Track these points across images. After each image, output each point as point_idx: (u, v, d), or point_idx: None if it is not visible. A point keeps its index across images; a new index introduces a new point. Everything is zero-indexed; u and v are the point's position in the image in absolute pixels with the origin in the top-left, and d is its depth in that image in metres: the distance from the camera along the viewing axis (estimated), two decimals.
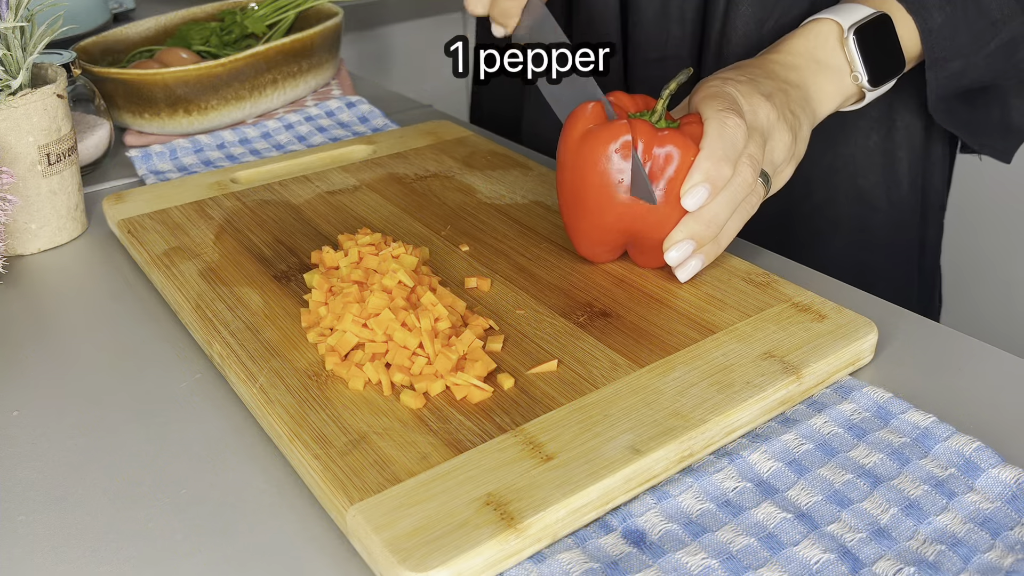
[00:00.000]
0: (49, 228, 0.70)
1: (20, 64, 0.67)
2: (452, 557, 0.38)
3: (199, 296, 0.59)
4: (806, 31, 0.63)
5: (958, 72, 0.65)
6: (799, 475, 0.45)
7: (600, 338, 0.53)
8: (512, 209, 0.70)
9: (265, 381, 0.50)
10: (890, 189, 0.77)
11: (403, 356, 0.50)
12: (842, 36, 0.62)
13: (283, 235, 0.67)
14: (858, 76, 0.62)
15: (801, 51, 0.62)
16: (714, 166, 0.53)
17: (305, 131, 0.91)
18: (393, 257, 0.56)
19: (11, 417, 0.52)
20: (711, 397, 0.48)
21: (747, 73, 0.59)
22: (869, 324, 0.54)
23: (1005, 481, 0.44)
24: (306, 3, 1.04)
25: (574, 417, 0.47)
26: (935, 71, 0.64)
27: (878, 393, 0.50)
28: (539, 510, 0.41)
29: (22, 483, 0.47)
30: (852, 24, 0.61)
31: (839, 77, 0.62)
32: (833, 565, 0.40)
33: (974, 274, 1.57)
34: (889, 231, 0.79)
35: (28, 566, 0.42)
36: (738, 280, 0.59)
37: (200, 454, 0.49)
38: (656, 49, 0.77)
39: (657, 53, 0.77)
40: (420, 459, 0.44)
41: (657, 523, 0.42)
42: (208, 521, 0.44)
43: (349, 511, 0.41)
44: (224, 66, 0.87)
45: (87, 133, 0.82)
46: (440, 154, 0.81)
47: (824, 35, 0.62)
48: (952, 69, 0.64)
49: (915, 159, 0.77)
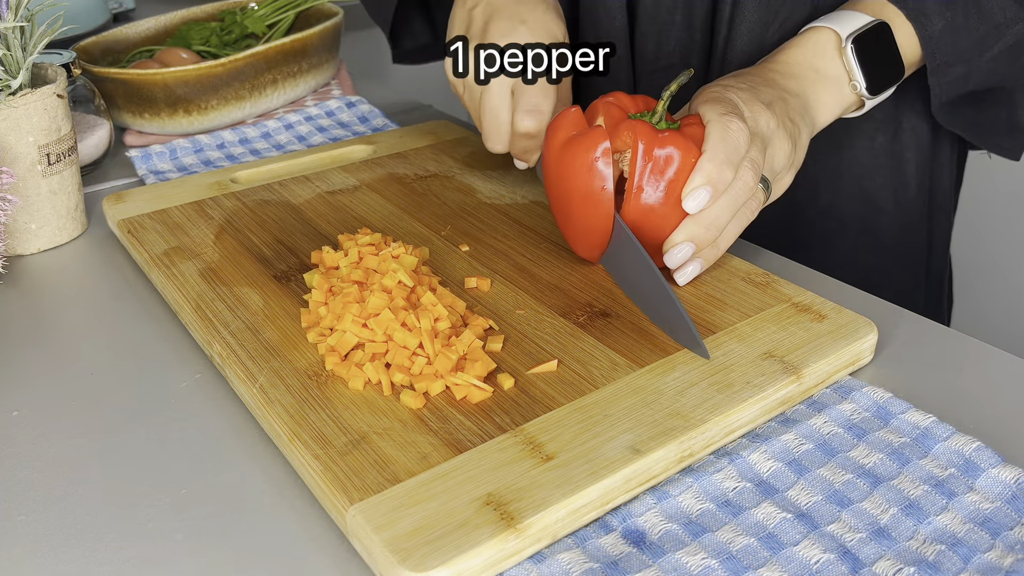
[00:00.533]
0: (49, 228, 0.70)
1: (20, 64, 0.67)
2: (452, 557, 0.38)
3: (199, 296, 0.59)
4: (804, 40, 0.63)
5: (961, 77, 0.64)
6: (799, 475, 0.45)
7: (600, 338, 0.53)
8: (512, 209, 0.70)
9: (265, 381, 0.50)
10: (897, 191, 0.77)
11: (403, 356, 0.50)
12: (840, 45, 0.62)
13: (283, 235, 0.67)
14: (857, 85, 0.62)
15: (800, 60, 0.62)
16: (716, 169, 0.53)
17: (305, 131, 0.91)
18: (393, 257, 0.56)
19: (11, 417, 0.52)
20: (711, 397, 0.48)
21: (747, 81, 0.59)
22: (869, 324, 0.54)
23: (1005, 481, 0.44)
24: (306, 3, 1.04)
25: (574, 417, 0.47)
26: (937, 76, 0.64)
27: (878, 393, 0.50)
28: (539, 510, 0.41)
29: (22, 483, 0.47)
30: (850, 33, 0.61)
31: (838, 87, 0.62)
32: (833, 565, 0.40)
33: (984, 274, 1.57)
34: (896, 233, 0.78)
35: (28, 566, 0.42)
36: (738, 280, 0.59)
37: (200, 454, 0.49)
38: (665, 57, 0.77)
39: (666, 61, 0.77)
40: (420, 459, 0.44)
41: (657, 523, 0.42)
42: (208, 521, 0.44)
43: (349, 511, 0.41)
44: (224, 66, 0.87)
45: (87, 133, 0.82)
46: (440, 154, 0.81)
47: (822, 44, 0.62)
48: (955, 74, 0.64)
49: (922, 160, 0.77)
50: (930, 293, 0.83)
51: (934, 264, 0.82)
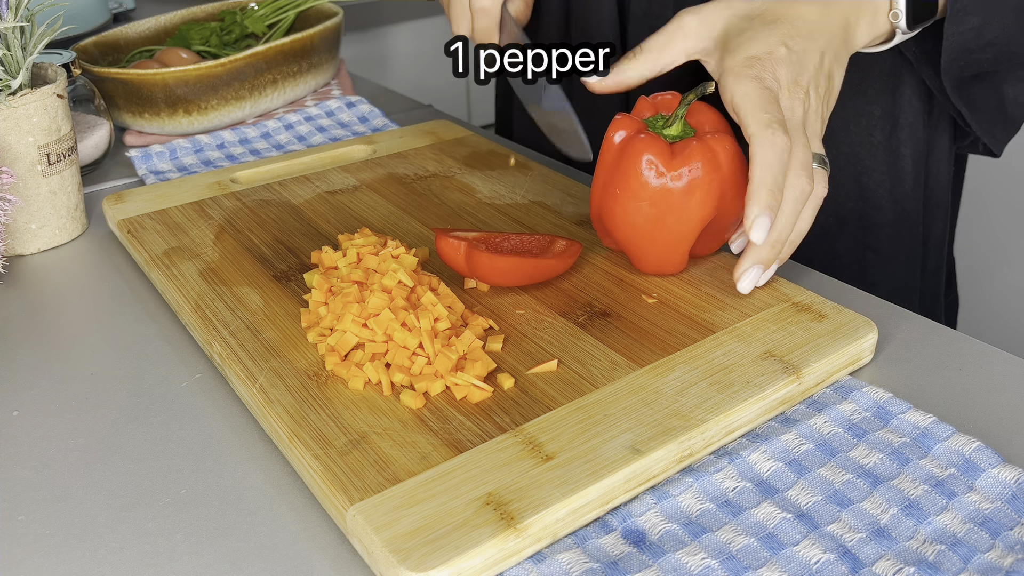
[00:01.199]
0: (49, 228, 0.70)
1: (20, 64, 0.67)
2: (452, 557, 0.38)
3: (199, 296, 0.59)
4: None
5: (975, 28, 0.63)
6: (799, 475, 0.45)
7: (600, 338, 0.53)
8: (512, 209, 0.70)
9: (265, 381, 0.50)
10: (894, 187, 0.77)
11: (403, 356, 0.50)
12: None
13: (283, 235, 0.67)
14: (898, 14, 0.61)
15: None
16: (768, 196, 0.52)
17: (305, 131, 0.91)
18: (393, 257, 0.56)
19: (11, 417, 0.52)
20: (711, 397, 0.48)
21: (782, 32, 0.57)
22: (869, 324, 0.54)
23: (1005, 481, 0.44)
24: (306, 3, 1.04)
25: (574, 417, 0.47)
26: (954, 25, 0.63)
27: (878, 393, 0.50)
28: (539, 510, 0.41)
29: (22, 483, 0.47)
30: None
31: (874, 14, 0.60)
32: (833, 565, 0.40)
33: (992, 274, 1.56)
34: (892, 229, 0.79)
35: (28, 566, 0.42)
36: None
37: (200, 454, 0.49)
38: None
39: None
40: (420, 459, 0.44)
41: (657, 523, 0.42)
42: (208, 521, 0.44)
43: (349, 511, 0.41)
44: (224, 66, 0.87)
45: (87, 133, 0.82)
46: (440, 154, 0.81)
47: None
48: (970, 24, 0.63)
49: (919, 156, 0.77)
50: (927, 288, 0.83)
51: (931, 259, 0.82)
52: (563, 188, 0.73)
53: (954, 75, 0.68)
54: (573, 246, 0.60)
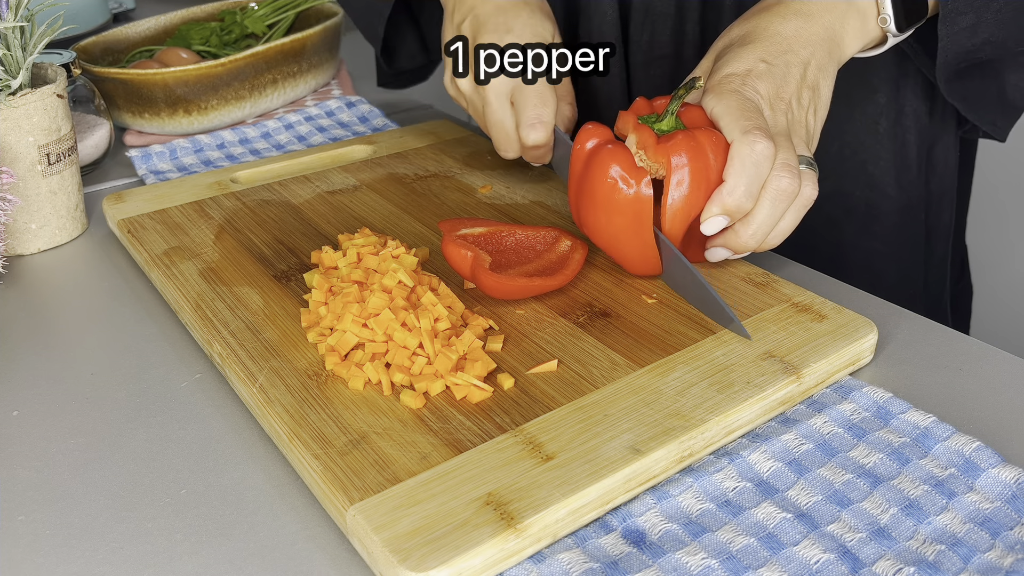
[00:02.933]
0: (49, 228, 0.70)
1: (20, 64, 0.67)
2: (452, 557, 0.38)
3: (199, 296, 0.59)
4: None
5: (969, 27, 0.63)
6: (799, 475, 0.45)
7: (600, 338, 0.53)
8: (512, 209, 0.70)
9: (265, 381, 0.50)
10: (900, 175, 0.77)
11: (403, 356, 0.50)
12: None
13: (283, 235, 0.67)
14: (886, 19, 0.61)
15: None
16: (735, 202, 0.53)
17: (305, 131, 0.91)
18: (393, 257, 0.56)
19: (11, 417, 0.52)
20: (711, 397, 0.48)
21: (761, 51, 0.58)
22: (869, 324, 0.54)
23: (1005, 481, 0.44)
24: (306, 3, 1.04)
25: (574, 417, 0.47)
26: (947, 25, 0.63)
27: (878, 393, 0.50)
28: (539, 510, 0.41)
29: (22, 483, 0.47)
30: None
31: (863, 20, 0.61)
32: (833, 565, 0.40)
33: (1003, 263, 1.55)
34: (898, 217, 0.79)
35: (28, 566, 0.42)
36: (738, 280, 0.59)
37: (200, 454, 0.49)
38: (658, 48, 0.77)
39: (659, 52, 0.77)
40: (420, 459, 0.44)
41: (657, 523, 0.42)
42: (208, 521, 0.44)
43: (349, 511, 0.41)
44: (224, 66, 0.87)
45: (87, 133, 0.82)
46: (440, 154, 0.81)
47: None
48: (963, 23, 0.63)
49: (923, 145, 0.77)
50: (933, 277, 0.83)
51: (938, 247, 0.82)
52: (563, 188, 0.73)
53: (950, 71, 0.68)
54: (578, 245, 0.60)
